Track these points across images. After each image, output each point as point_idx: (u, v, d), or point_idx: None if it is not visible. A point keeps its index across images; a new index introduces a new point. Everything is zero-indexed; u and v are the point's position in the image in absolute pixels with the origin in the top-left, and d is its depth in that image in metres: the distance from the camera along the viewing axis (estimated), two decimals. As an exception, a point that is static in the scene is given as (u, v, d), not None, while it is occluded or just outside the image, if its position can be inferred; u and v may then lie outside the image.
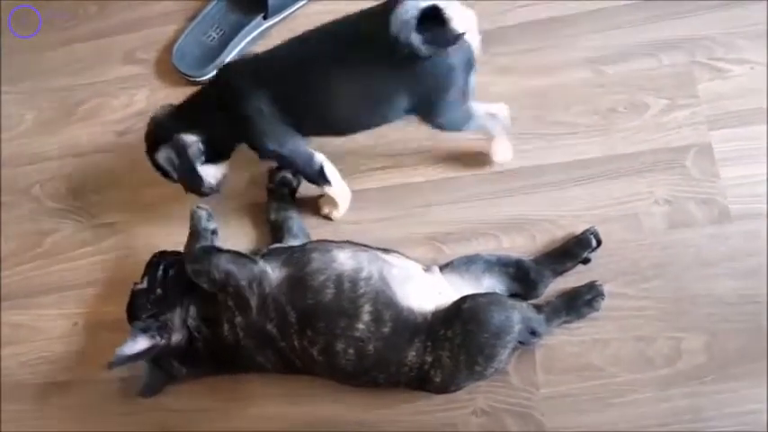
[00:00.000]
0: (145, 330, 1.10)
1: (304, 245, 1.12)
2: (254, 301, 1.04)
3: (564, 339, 1.10)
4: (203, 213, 1.09)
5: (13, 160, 1.55)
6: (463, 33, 0.91)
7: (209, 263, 1.05)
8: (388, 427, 1.12)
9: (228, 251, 1.09)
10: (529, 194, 1.20)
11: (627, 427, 1.03)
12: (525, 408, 1.08)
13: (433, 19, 0.93)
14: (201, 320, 1.10)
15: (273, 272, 1.06)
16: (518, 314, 1.00)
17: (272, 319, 1.04)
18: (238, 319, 1.06)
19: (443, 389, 1.02)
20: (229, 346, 1.08)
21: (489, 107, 1.14)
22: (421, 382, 1.03)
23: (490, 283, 1.10)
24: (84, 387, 1.27)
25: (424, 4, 0.91)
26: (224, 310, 1.07)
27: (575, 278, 1.11)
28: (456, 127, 1.11)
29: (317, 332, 1.01)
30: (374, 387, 1.08)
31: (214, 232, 1.09)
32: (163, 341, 1.10)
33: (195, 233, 1.08)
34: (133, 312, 1.16)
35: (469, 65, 1.03)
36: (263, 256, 1.09)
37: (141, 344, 1.09)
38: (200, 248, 1.06)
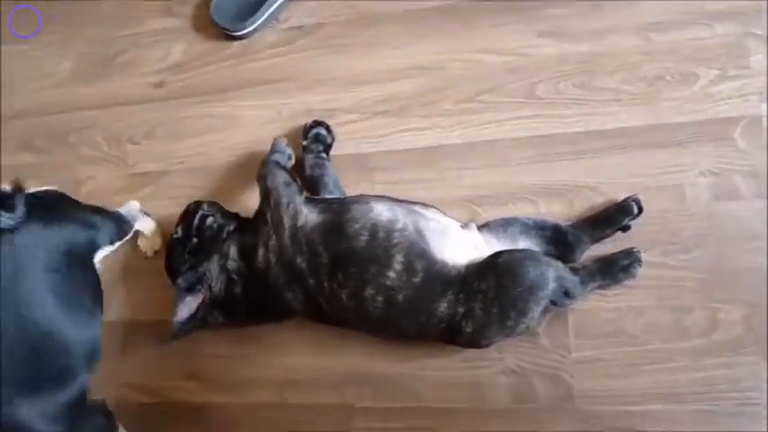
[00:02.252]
0: (189, 289, 1.11)
1: (343, 198, 1.12)
2: (287, 223, 1.07)
3: (598, 305, 1.09)
4: (284, 139, 1.22)
5: (50, 108, 1.56)
6: None
7: (272, 172, 1.11)
8: (415, 382, 1.13)
9: (289, 173, 1.14)
10: (569, 161, 1.18)
11: (659, 393, 1.02)
12: (555, 370, 1.08)
13: None
14: (240, 258, 1.11)
15: (311, 214, 1.07)
16: (553, 272, 0.99)
17: (303, 253, 1.05)
18: (272, 242, 1.07)
19: (473, 342, 1.02)
20: (261, 279, 1.09)
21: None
22: (451, 334, 1.03)
23: (526, 245, 1.09)
24: (120, 329, 1.29)
25: None
26: (261, 232, 1.09)
27: (612, 246, 1.10)
28: None
29: (348, 276, 1.02)
30: (403, 339, 1.08)
31: (290, 157, 1.19)
32: (207, 293, 1.11)
33: (273, 150, 1.17)
34: (171, 262, 1.17)
35: None
36: (305, 200, 1.11)
37: (191, 304, 1.11)
38: (272, 160, 1.14)
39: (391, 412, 1.12)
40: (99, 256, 1.10)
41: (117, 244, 1.17)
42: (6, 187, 0.96)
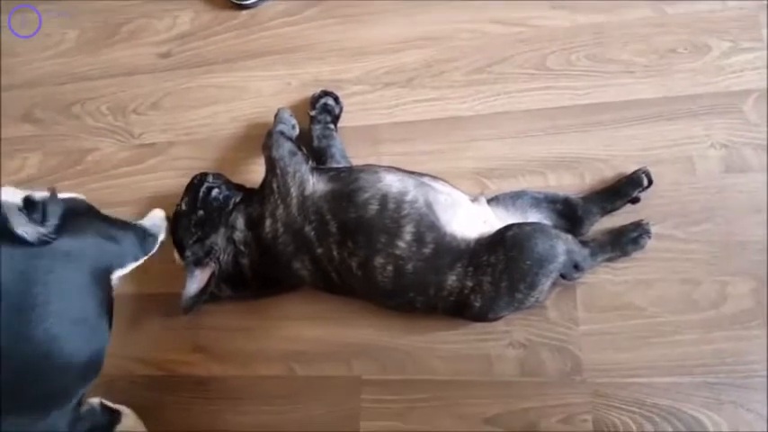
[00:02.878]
0: (197, 262, 1.11)
1: (351, 167, 1.11)
2: (294, 191, 1.06)
3: (607, 278, 1.09)
4: (287, 110, 1.22)
5: (54, 78, 1.55)
6: None
7: (277, 142, 1.11)
8: (422, 354, 1.13)
9: (294, 143, 1.13)
10: (580, 133, 1.17)
11: (666, 366, 1.02)
12: (563, 342, 1.08)
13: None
14: (247, 229, 1.11)
15: (318, 183, 1.07)
16: (563, 245, 0.99)
17: (311, 221, 1.05)
18: (279, 211, 1.07)
19: (482, 315, 1.02)
20: (269, 248, 1.09)
21: None
22: (459, 307, 1.03)
23: (536, 218, 1.09)
24: (127, 302, 1.28)
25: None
26: (268, 202, 1.08)
27: (622, 218, 1.10)
28: None
29: (357, 245, 1.02)
30: (411, 310, 1.08)
31: (294, 127, 1.19)
32: (216, 265, 1.11)
33: (278, 121, 1.17)
34: (177, 236, 1.16)
35: None
36: (312, 169, 1.10)
37: (201, 277, 1.11)
38: (277, 130, 1.14)
39: (399, 384, 1.13)
40: (119, 273, 1.04)
41: (141, 260, 1.12)
42: (39, 194, 0.90)
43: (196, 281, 1.09)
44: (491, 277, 0.98)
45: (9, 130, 1.52)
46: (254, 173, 1.28)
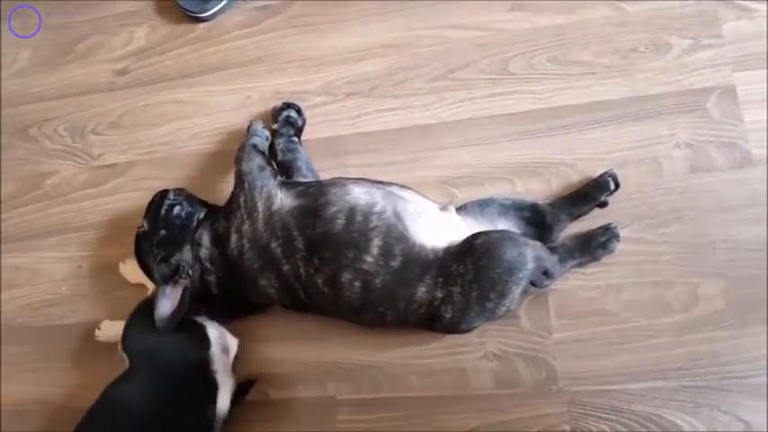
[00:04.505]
0: (167, 280, 1.08)
1: (320, 181, 1.09)
2: (261, 207, 1.04)
3: (577, 284, 1.08)
4: (260, 121, 1.19)
5: (10, 100, 1.51)
6: None
7: (248, 156, 1.09)
8: (396, 370, 1.11)
9: (266, 157, 1.11)
10: (544, 137, 1.16)
11: (642, 371, 1.01)
12: (537, 352, 1.07)
13: None
14: (213, 245, 1.08)
15: (286, 199, 1.05)
16: (531, 252, 0.97)
17: (278, 237, 1.02)
18: (245, 227, 1.05)
19: (453, 327, 1.00)
20: (235, 265, 1.06)
21: None
22: (430, 320, 1.01)
23: (505, 226, 1.08)
24: (90, 330, 1.24)
25: None
26: (234, 217, 1.06)
27: (590, 223, 1.09)
28: None
29: (324, 260, 0.99)
30: (381, 325, 1.06)
31: (267, 138, 1.17)
32: (188, 281, 1.08)
33: (251, 134, 1.15)
34: (141, 258, 1.13)
35: None
36: (280, 184, 1.07)
37: (173, 294, 1.07)
38: (250, 143, 1.12)
39: (376, 403, 1.11)
40: None
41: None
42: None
43: (169, 299, 1.06)
44: (461, 287, 0.96)
45: (-36, 154, 1.47)
46: (219, 190, 1.25)
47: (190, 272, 1.09)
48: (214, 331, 1.11)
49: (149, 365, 1.06)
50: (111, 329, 1.20)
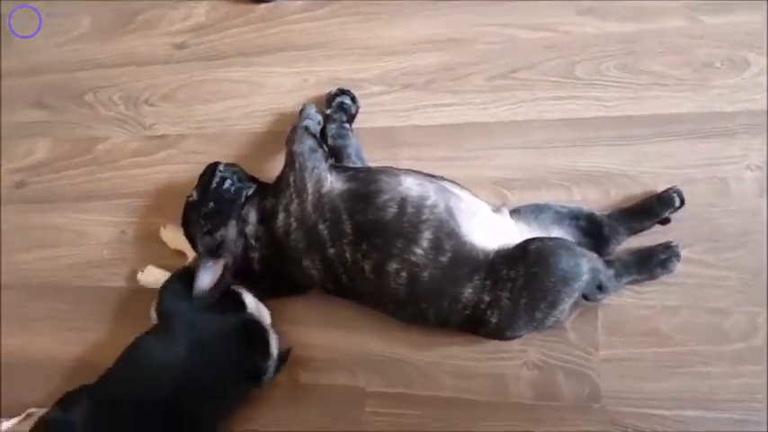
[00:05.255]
0: (209, 254, 1.08)
1: (371, 167, 1.07)
2: (310, 188, 1.03)
3: (631, 302, 1.03)
4: (313, 105, 1.18)
5: (68, 65, 1.52)
6: None
7: (301, 137, 1.08)
8: (432, 370, 1.09)
9: (317, 140, 1.10)
10: (607, 146, 1.12)
11: (691, 398, 0.96)
12: (581, 367, 1.03)
13: None
14: (259, 223, 1.08)
15: (336, 182, 1.03)
16: (588, 263, 0.93)
17: (326, 219, 1.01)
18: (294, 206, 1.03)
19: (498, 333, 0.97)
20: (280, 244, 1.05)
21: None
22: (474, 323, 0.98)
23: (559, 234, 1.04)
24: (129, 294, 1.26)
25: None
26: (283, 195, 1.05)
27: (649, 239, 1.04)
28: None
29: (372, 247, 0.97)
30: (422, 323, 1.03)
31: (319, 123, 1.16)
32: (229, 258, 1.08)
33: (303, 116, 1.14)
34: (187, 227, 1.13)
35: None
36: (331, 168, 1.06)
37: (215, 269, 1.08)
38: (302, 125, 1.11)
39: (406, 398, 1.08)
40: None
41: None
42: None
43: (209, 273, 1.05)
44: (510, 293, 0.92)
45: (19, 114, 1.50)
46: (267, 170, 1.23)
47: (233, 248, 1.08)
48: (250, 298, 1.10)
49: (183, 329, 1.06)
50: (154, 275, 1.21)
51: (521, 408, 1.03)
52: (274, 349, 1.07)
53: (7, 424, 1.16)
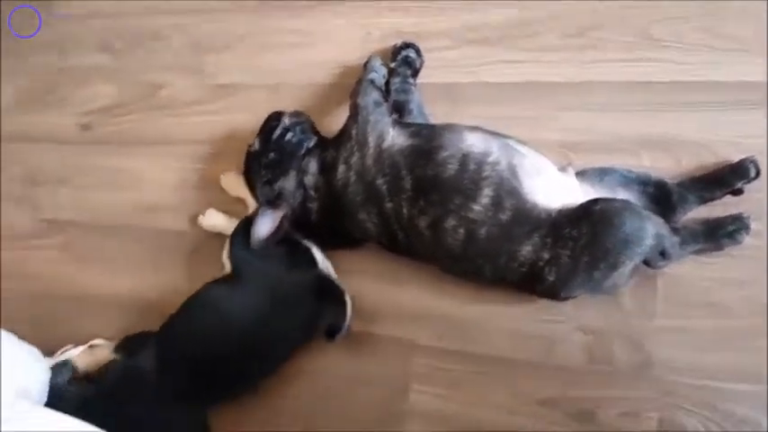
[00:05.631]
0: (269, 203, 1.10)
1: (434, 124, 1.06)
2: (372, 141, 1.03)
3: (693, 271, 1.01)
4: (379, 58, 1.17)
5: (132, 9, 1.52)
6: None
7: (366, 90, 1.09)
8: (481, 326, 1.09)
9: (382, 94, 1.10)
10: (682, 112, 1.08)
11: (747, 373, 0.95)
12: (636, 334, 1.02)
13: None
14: (319, 173, 1.09)
15: (398, 138, 1.03)
16: (653, 228, 0.91)
17: (385, 174, 1.01)
18: (354, 159, 1.04)
19: (553, 291, 0.97)
20: (338, 196, 1.06)
21: None
22: (531, 280, 0.97)
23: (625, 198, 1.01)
24: (191, 238, 1.29)
25: None
26: (344, 148, 1.06)
27: (719, 209, 1.01)
28: None
29: (430, 203, 0.97)
30: (476, 279, 1.04)
31: (384, 76, 1.15)
32: (288, 208, 1.10)
33: (369, 69, 1.14)
34: (248, 175, 1.14)
35: None
36: (393, 122, 1.06)
37: (273, 218, 1.09)
38: (368, 78, 1.11)
39: (455, 354, 1.09)
40: None
41: None
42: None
43: (267, 222, 1.07)
44: (570, 252, 0.92)
45: (85, 57, 1.52)
46: (328, 123, 1.23)
47: (291, 199, 1.09)
48: (319, 255, 1.12)
49: (255, 279, 1.09)
50: (214, 219, 1.24)
51: (570, 371, 1.03)
52: (350, 308, 1.08)
53: (73, 351, 1.22)
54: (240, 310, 1.07)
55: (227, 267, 1.14)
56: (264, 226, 1.09)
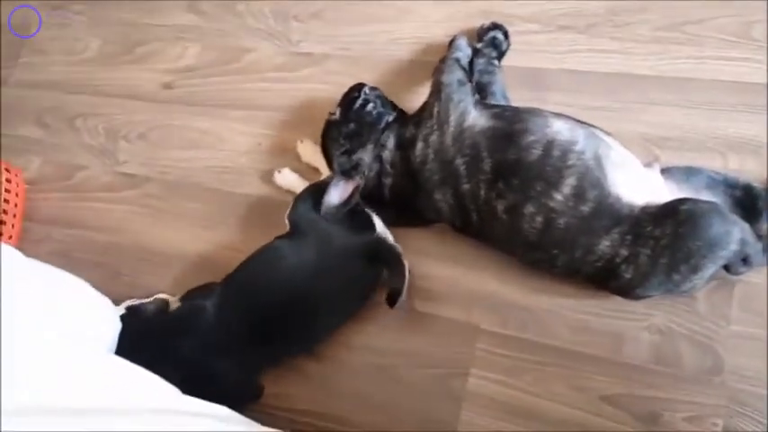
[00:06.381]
0: (344, 173, 1.11)
1: (517, 107, 1.05)
2: (453, 121, 1.03)
3: (773, 281, 0.98)
4: (465, 38, 1.17)
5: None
6: None
7: (450, 68, 1.08)
8: (548, 317, 1.09)
9: (467, 74, 1.10)
10: (775, 116, 1.04)
11: (826, 389, 0.92)
12: (708, 339, 1.00)
13: None
14: (397, 149, 1.09)
15: (480, 119, 1.02)
16: (739, 233, 0.89)
17: (464, 155, 1.01)
18: (433, 137, 1.04)
19: (628, 290, 0.95)
20: (415, 173, 1.06)
21: None
22: (605, 276, 0.96)
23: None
24: (258, 202, 1.32)
25: None
26: (424, 125, 1.06)
27: (809, 219, 0.97)
28: None
29: (510, 187, 0.97)
30: (548, 269, 1.03)
31: (468, 56, 1.14)
32: (362, 181, 1.11)
33: (454, 48, 1.13)
34: (326, 144, 1.16)
35: None
36: (476, 103, 1.06)
37: (345, 188, 1.11)
38: (453, 57, 1.10)
39: (519, 342, 1.09)
40: None
41: None
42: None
43: (339, 191, 1.09)
44: (651, 250, 0.90)
45: (174, 17, 1.56)
46: (407, 99, 1.24)
47: (366, 172, 1.10)
48: (379, 222, 1.14)
49: (314, 237, 1.11)
50: (289, 179, 1.27)
51: (636, 369, 1.02)
52: (407, 271, 1.09)
53: (138, 303, 1.26)
54: (297, 264, 1.09)
55: (288, 226, 1.17)
56: (337, 194, 1.11)
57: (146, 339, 1.09)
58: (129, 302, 1.23)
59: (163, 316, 1.17)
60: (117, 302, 1.23)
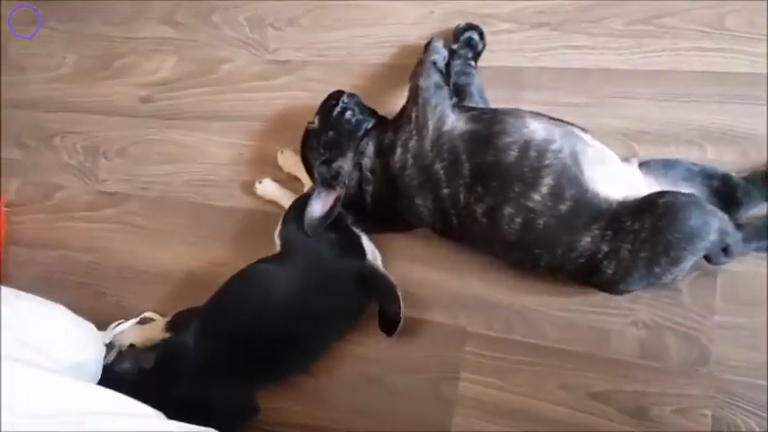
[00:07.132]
0: (325, 183, 1.10)
1: (495, 109, 1.05)
2: (431, 125, 1.02)
3: (754, 270, 0.99)
4: (441, 40, 1.16)
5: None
6: None
7: (427, 71, 1.07)
8: (533, 316, 1.09)
9: (443, 76, 1.09)
10: (751, 105, 1.05)
11: (810, 376, 0.93)
12: (693, 330, 1.00)
13: None
14: (376, 156, 1.09)
15: (458, 122, 1.02)
16: (717, 223, 0.89)
17: (443, 159, 1.00)
18: (412, 143, 1.04)
19: (611, 285, 0.96)
20: (394, 179, 1.06)
21: None
22: (587, 272, 0.96)
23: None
24: (242, 215, 1.32)
25: None
26: (403, 131, 1.05)
27: (786, 207, 0.98)
28: None
29: (488, 190, 0.96)
30: (531, 269, 1.03)
31: (445, 59, 1.13)
32: (342, 190, 1.10)
33: (431, 51, 1.13)
34: (305, 153, 1.15)
35: None
36: (454, 106, 1.05)
37: (327, 199, 1.10)
38: (430, 60, 1.10)
39: (506, 343, 1.09)
40: None
41: None
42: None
43: (321, 202, 1.08)
44: (631, 245, 0.90)
45: (149, 29, 1.55)
46: (386, 103, 1.23)
47: (346, 181, 1.10)
48: (368, 244, 1.13)
49: (302, 257, 1.10)
50: (270, 189, 1.27)
51: (623, 364, 1.02)
52: (402, 302, 1.07)
53: (125, 325, 1.25)
54: (285, 288, 1.08)
55: (279, 246, 1.16)
56: (318, 206, 1.10)
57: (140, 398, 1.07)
58: (115, 325, 1.22)
59: (144, 373, 1.16)
60: (103, 324, 1.22)
